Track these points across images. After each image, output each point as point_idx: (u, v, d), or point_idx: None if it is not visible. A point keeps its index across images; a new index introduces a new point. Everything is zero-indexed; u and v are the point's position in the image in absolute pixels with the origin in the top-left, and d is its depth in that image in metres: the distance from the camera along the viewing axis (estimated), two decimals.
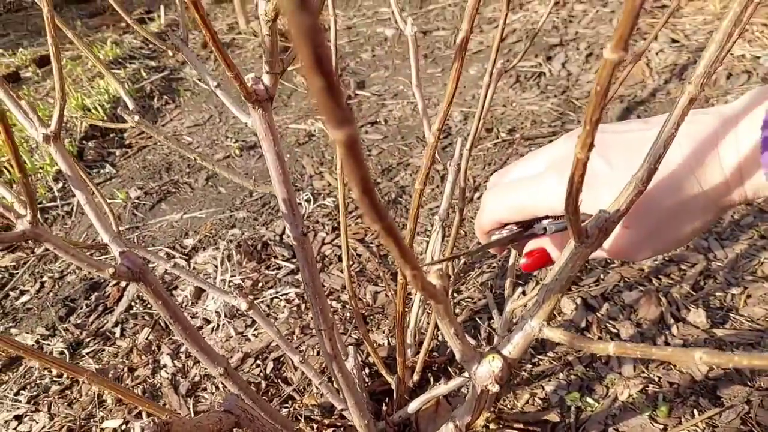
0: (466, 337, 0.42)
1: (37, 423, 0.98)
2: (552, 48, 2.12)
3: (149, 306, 1.21)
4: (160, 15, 2.86)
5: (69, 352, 1.13)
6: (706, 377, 0.88)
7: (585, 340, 0.39)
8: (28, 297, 1.30)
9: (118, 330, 1.17)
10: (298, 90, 2.18)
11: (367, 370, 0.98)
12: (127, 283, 1.29)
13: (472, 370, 0.44)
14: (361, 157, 0.15)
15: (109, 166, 1.83)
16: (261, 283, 1.23)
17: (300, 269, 0.55)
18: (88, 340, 1.15)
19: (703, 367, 0.89)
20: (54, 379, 1.06)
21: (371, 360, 0.99)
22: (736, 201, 0.40)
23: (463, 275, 1.17)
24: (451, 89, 0.46)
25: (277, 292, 1.19)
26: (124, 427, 0.95)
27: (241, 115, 0.54)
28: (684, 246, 1.15)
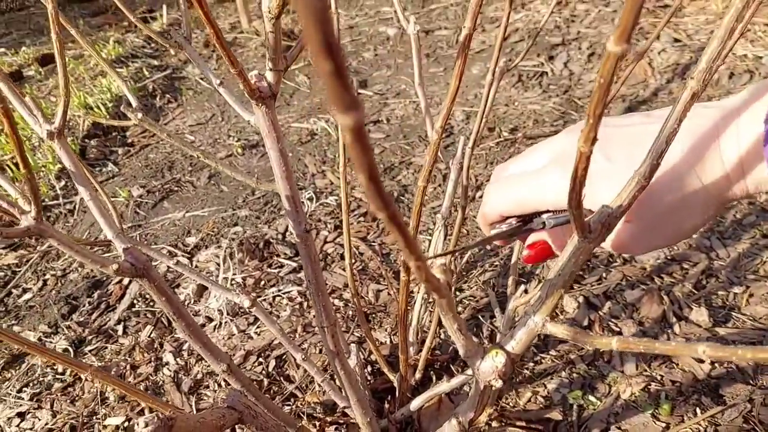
0: (469, 333, 0.42)
1: (39, 420, 0.98)
2: (554, 47, 2.12)
3: (152, 304, 1.22)
4: (162, 14, 2.86)
5: (72, 350, 1.13)
6: (708, 375, 0.88)
7: (588, 335, 0.39)
8: (31, 295, 1.31)
9: (120, 328, 1.17)
10: (300, 89, 2.18)
11: (369, 368, 0.99)
12: (130, 281, 1.29)
13: (476, 366, 0.44)
14: (368, 143, 0.15)
15: (112, 164, 1.83)
16: (263, 281, 1.23)
17: (303, 266, 0.55)
18: (90, 338, 1.16)
19: (705, 365, 0.89)
20: (56, 377, 1.07)
21: (373, 358, 0.99)
22: (738, 195, 0.40)
23: (465, 273, 1.17)
24: (455, 86, 0.46)
25: (279, 291, 1.19)
26: (126, 424, 0.95)
27: (244, 113, 0.54)
28: (685, 243, 1.15)
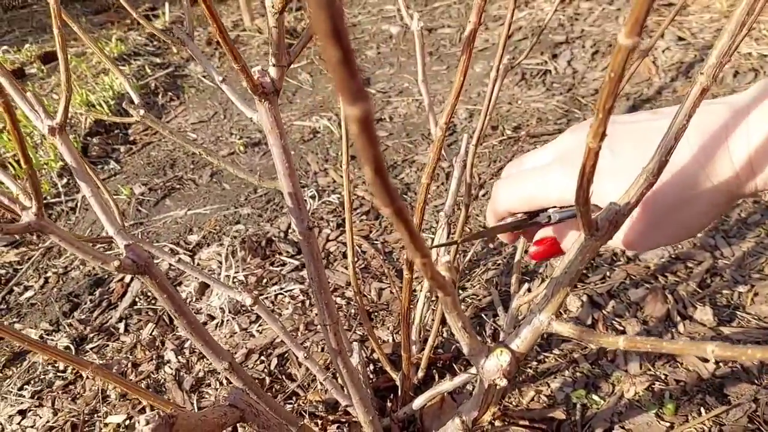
0: (473, 331, 0.42)
1: (40, 418, 0.98)
2: (558, 46, 2.11)
3: (153, 302, 1.21)
4: (165, 12, 2.86)
5: (73, 348, 1.13)
6: (713, 375, 0.87)
7: (594, 334, 0.39)
8: (32, 292, 1.30)
9: (122, 326, 1.17)
10: (302, 87, 2.18)
11: (371, 367, 0.98)
12: (132, 279, 1.29)
13: (480, 364, 0.43)
14: (375, 135, 0.15)
15: (114, 162, 1.83)
16: (265, 280, 1.23)
17: (305, 264, 0.55)
18: (92, 336, 1.15)
19: (709, 364, 0.89)
20: (58, 374, 1.06)
21: (376, 356, 0.99)
22: (747, 193, 0.40)
23: (468, 272, 1.16)
24: (459, 82, 0.45)
25: (281, 289, 1.19)
26: (128, 422, 0.95)
27: (246, 110, 0.53)
28: (690, 241, 1.14)
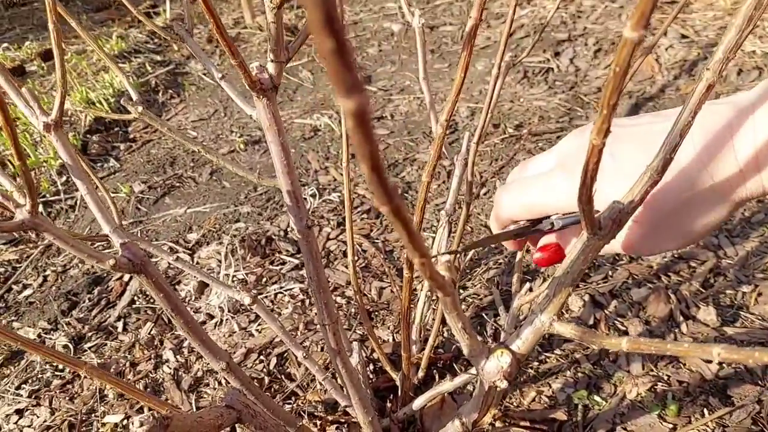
0: (474, 331, 0.41)
1: (38, 417, 0.98)
2: (560, 43, 2.10)
3: (152, 300, 1.21)
4: (166, 9, 2.85)
5: (72, 347, 1.12)
6: (716, 376, 0.86)
7: (597, 336, 0.38)
8: (31, 291, 1.30)
9: (120, 324, 1.16)
10: (303, 85, 2.17)
11: (371, 367, 0.97)
12: (130, 278, 1.28)
13: (480, 366, 0.43)
14: (371, 129, 0.14)
15: (113, 160, 1.82)
16: (265, 278, 1.22)
17: (304, 263, 0.54)
18: (90, 335, 1.15)
19: (713, 365, 0.88)
20: (55, 374, 1.06)
21: (376, 356, 0.98)
22: (753, 194, 0.39)
23: (469, 271, 1.16)
24: (460, 78, 0.45)
25: (281, 288, 1.18)
26: (125, 422, 0.94)
27: (246, 107, 0.53)
28: (697, 243, 1.13)
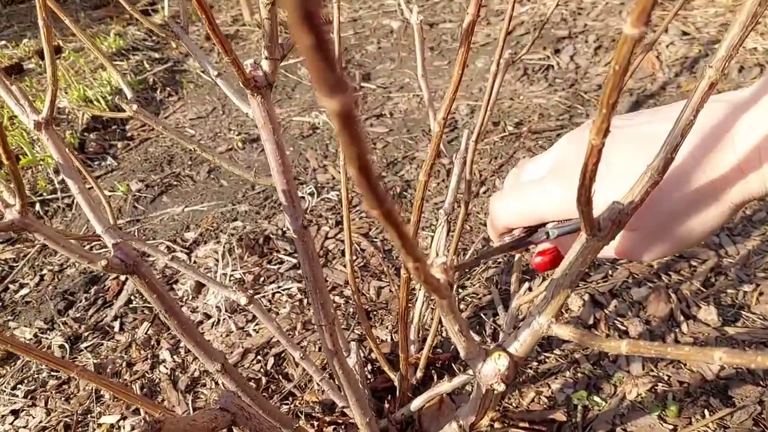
0: (471, 334, 0.40)
1: (33, 418, 0.97)
2: (560, 40, 2.09)
3: (149, 300, 1.20)
4: (164, 7, 2.84)
5: (68, 346, 1.11)
6: (717, 377, 0.86)
7: (596, 338, 0.37)
8: (28, 290, 1.29)
9: (117, 324, 1.15)
10: (302, 82, 2.16)
11: (369, 367, 0.97)
12: (127, 277, 1.27)
13: (477, 369, 0.42)
14: (358, 129, 0.13)
15: (111, 158, 1.81)
16: (262, 278, 1.21)
17: (300, 263, 0.54)
18: (86, 334, 1.14)
19: (714, 366, 0.87)
20: (51, 374, 1.05)
21: (374, 356, 0.97)
22: (755, 194, 0.37)
23: (467, 270, 1.15)
24: (458, 75, 0.44)
25: (278, 287, 1.18)
26: (121, 422, 0.93)
27: (242, 105, 0.52)
28: (696, 246, 1.12)
